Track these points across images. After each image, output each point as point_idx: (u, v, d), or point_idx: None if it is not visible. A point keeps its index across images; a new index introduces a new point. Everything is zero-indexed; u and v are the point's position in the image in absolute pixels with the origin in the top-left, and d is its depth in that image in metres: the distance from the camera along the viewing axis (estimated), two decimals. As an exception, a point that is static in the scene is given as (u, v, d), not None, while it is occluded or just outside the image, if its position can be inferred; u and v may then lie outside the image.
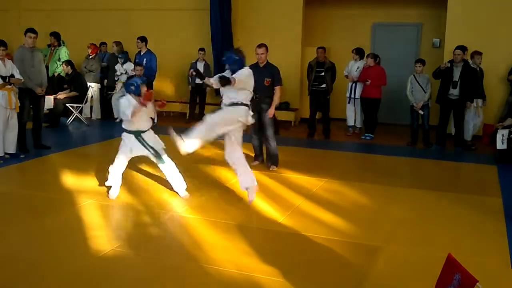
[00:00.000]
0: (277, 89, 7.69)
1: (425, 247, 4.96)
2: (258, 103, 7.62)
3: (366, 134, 10.36)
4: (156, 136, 6.16)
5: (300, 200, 6.25)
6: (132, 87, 5.94)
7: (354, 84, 10.52)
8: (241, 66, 6.13)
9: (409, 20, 11.86)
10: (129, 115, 5.81)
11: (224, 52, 6.27)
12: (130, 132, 6.01)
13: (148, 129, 6.08)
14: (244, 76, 6.06)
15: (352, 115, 10.80)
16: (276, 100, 7.68)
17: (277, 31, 11.83)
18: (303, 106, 11.87)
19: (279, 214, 5.74)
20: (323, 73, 10.16)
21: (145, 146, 5.97)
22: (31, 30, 8.30)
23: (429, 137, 9.68)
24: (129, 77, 6.25)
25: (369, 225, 5.53)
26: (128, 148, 6.03)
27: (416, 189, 6.85)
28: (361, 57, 10.62)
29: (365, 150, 9.61)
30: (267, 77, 7.56)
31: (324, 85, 10.18)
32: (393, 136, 10.70)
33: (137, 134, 5.98)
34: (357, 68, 10.50)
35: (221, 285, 4.11)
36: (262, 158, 8.00)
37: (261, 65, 7.63)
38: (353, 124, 10.89)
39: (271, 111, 7.60)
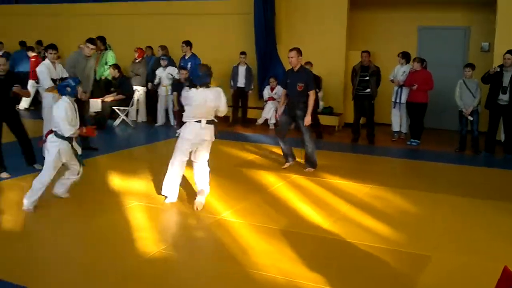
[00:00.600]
0: (310, 94, 7.59)
1: (473, 256, 4.83)
2: (292, 108, 7.60)
3: (412, 140, 10.17)
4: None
5: (345, 206, 6.18)
6: (68, 89, 5.75)
7: (400, 89, 10.35)
8: (203, 81, 5.95)
9: (456, 24, 11.59)
10: (68, 131, 5.64)
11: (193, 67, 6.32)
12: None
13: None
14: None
15: (398, 120, 10.62)
16: (310, 106, 7.59)
17: (321, 35, 11.78)
18: (347, 110, 11.76)
19: (324, 220, 5.68)
20: (367, 78, 10.03)
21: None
22: (91, 41, 8.47)
23: (478, 143, 9.43)
24: (62, 79, 6.40)
25: (415, 233, 5.42)
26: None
27: (463, 197, 6.68)
28: (407, 61, 10.44)
29: (411, 156, 9.43)
30: (299, 82, 7.52)
31: (368, 90, 10.05)
32: (440, 142, 10.47)
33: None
34: (403, 72, 10.32)
35: (266, 290, 4.10)
36: (293, 157, 7.96)
37: (295, 69, 7.60)
38: (398, 129, 10.71)
39: (307, 119, 7.54)
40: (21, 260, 4.55)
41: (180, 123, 10.39)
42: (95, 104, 10.90)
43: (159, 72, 11.61)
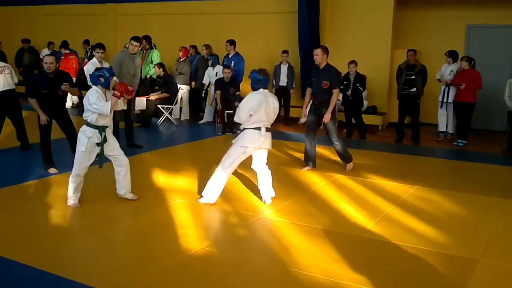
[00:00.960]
0: (334, 92, 7.48)
1: (525, 263, 4.68)
2: (319, 107, 7.53)
3: (459, 140, 9.93)
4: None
5: (389, 207, 6.08)
6: (101, 79, 5.60)
7: (447, 88, 10.12)
8: (257, 84, 6.09)
9: (506, 22, 11.23)
10: (106, 108, 5.49)
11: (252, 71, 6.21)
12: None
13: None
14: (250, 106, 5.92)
15: (444, 120, 10.40)
16: (332, 104, 7.45)
17: (365, 34, 11.63)
18: (391, 110, 11.58)
19: (368, 220, 5.61)
20: (413, 76, 9.84)
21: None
22: (136, 38, 8.63)
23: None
24: (97, 69, 5.97)
25: (462, 236, 5.29)
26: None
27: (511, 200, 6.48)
28: (455, 60, 10.19)
29: (457, 157, 9.20)
30: (324, 79, 7.42)
31: (414, 89, 9.85)
32: (487, 143, 10.18)
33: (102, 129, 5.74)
34: (450, 71, 10.09)
35: (309, 290, 4.08)
36: (313, 164, 7.79)
37: (320, 67, 7.50)
38: (444, 129, 10.48)
39: (327, 116, 7.42)
40: (67, 254, 4.67)
41: (224, 122, 10.55)
42: (140, 102, 11.07)
43: (210, 71, 11.66)
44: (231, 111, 10.78)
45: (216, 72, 11.41)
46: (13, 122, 8.62)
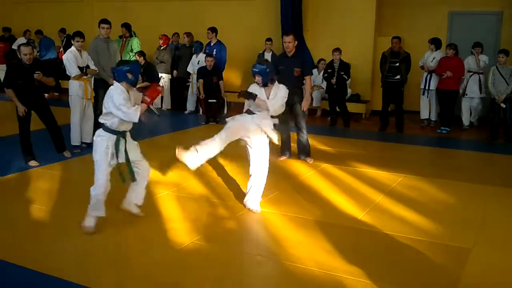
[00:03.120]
0: (307, 79, 7.40)
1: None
2: (290, 95, 7.29)
3: (442, 128, 9.94)
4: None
5: (379, 196, 6.03)
6: (129, 75, 4.75)
7: (429, 75, 10.12)
8: (269, 74, 5.47)
9: (489, 8, 11.25)
10: (135, 114, 4.69)
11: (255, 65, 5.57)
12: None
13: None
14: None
15: (427, 107, 10.41)
16: (308, 91, 7.40)
17: (349, 21, 11.53)
18: (374, 98, 11.54)
19: (358, 210, 5.55)
20: (397, 64, 9.78)
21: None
22: (104, 21, 8.42)
23: (511, 132, 9.17)
24: (124, 62, 5.15)
25: (453, 224, 5.26)
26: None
27: (499, 187, 6.49)
28: (437, 48, 10.18)
29: (441, 144, 9.20)
30: (296, 66, 7.24)
31: (398, 76, 9.80)
32: (470, 130, 10.21)
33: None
34: (433, 59, 10.08)
35: (303, 283, 4.01)
36: (289, 153, 7.66)
37: (289, 54, 7.33)
38: (427, 116, 10.49)
39: (305, 104, 7.32)
40: (51, 250, 4.52)
41: (208, 112, 10.38)
42: (121, 92, 10.83)
43: (193, 59, 11.44)
44: (214, 100, 10.64)
45: (199, 60, 11.22)
46: None
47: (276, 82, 5.58)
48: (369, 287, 3.92)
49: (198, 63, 11.17)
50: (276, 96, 5.47)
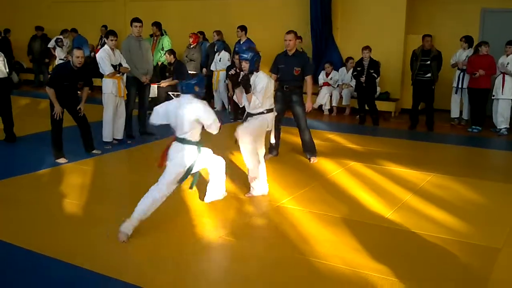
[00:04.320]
0: (308, 79, 7.25)
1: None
2: (289, 94, 7.23)
3: (474, 127, 9.80)
4: None
5: (407, 195, 5.99)
6: (197, 88, 4.87)
7: (462, 74, 9.98)
8: (256, 62, 5.76)
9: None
10: (217, 127, 4.89)
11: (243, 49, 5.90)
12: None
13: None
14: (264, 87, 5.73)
15: (458, 105, 10.28)
16: (310, 91, 7.27)
17: (379, 19, 11.45)
18: (404, 96, 11.44)
19: (386, 208, 5.53)
20: (428, 62, 9.67)
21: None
22: (136, 19, 8.56)
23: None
24: (192, 75, 5.12)
25: (483, 224, 5.21)
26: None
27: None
28: (470, 46, 10.05)
29: (472, 143, 9.06)
30: (296, 66, 7.12)
31: (429, 74, 9.70)
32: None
33: None
34: (466, 57, 9.95)
35: (330, 280, 4.02)
36: (277, 152, 7.53)
37: (290, 53, 7.23)
38: (458, 115, 10.36)
39: (309, 105, 7.26)
40: (83, 243, 4.63)
41: (236, 109, 10.44)
42: (152, 90, 10.96)
43: (215, 57, 11.51)
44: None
45: (220, 58, 11.28)
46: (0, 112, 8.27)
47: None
48: (395, 285, 3.92)
49: (220, 61, 11.23)
50: (256, 90, 5.68)
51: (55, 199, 5.69)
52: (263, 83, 5.70)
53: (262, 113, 5.79)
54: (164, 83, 11.38)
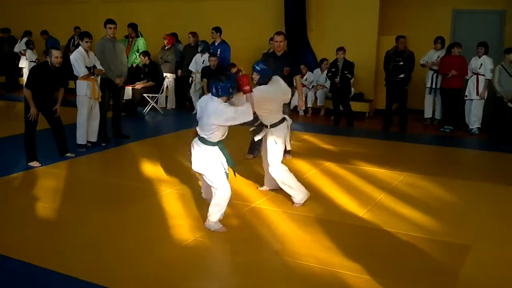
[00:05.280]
0: (297, 79, 7.38)
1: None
2: None
3: (446, 126, 9.96)
4: None
5: (380, 194, 6.08)
6: (231, 90, 4.83)
7: (435, 74, 10.16)
8: (267, 77, 5.61)
9: (492, 7, 11.25)
10: (250, 112, 4.88)
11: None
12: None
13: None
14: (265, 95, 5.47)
15: (431, 106, 10.45)
16: (300, 90, 7.43)
17: (352, 20, 11.57)
18: (378, 97, 11.58)
19: (360, 208, 5.60)
20: (402, 63, 9.81)
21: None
22: (110, 21, 8.53)
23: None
24: (227, 77, 4.84)
25: (455, 222, 5.31)
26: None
27: (501, 185, 6.53)
28: (443, 47, 10.24)
29: (444, 143, 9.23)
30: (285, 65, 7.20)
31: (402, 75, 9.83)
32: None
33: None
34: (437, 57, 10.13)
35: (305, 280, 4.06)
36: (258, 151, 7.37)
37: (279, 53, 7.33)
38: (430, 115, 10.53)
39: (301, 104, 7.39)
40: (58, 247, 4.59)
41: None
42: (126, 92, 10.90)
43: (197, 58, 11.47)
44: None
45: (204, 60, 11.26)
46: None
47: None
48: (368, 283, 3.98)
49: (203, 62, 11.21)
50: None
51: (27, 203, 5.62)
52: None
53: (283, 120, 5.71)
54: (138, 85, 11.34)
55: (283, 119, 5.69)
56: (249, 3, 12.65)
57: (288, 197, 5.77)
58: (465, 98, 9.86)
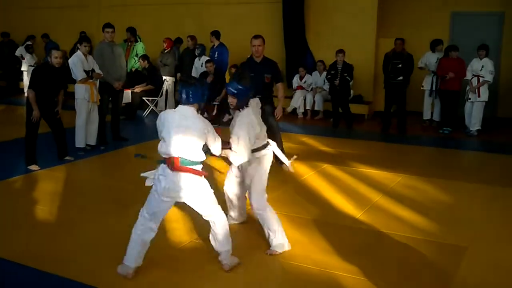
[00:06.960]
0: (279, 86, 6.85)
1: (513, 248, 4.71)
2: (261, 105, 5.12)
3: (444, 128, 9.98)
4: None
5: (377, 196, 6.09)
6: (203, 95, 4.15)
7: (435, 76, 10.19)
8: (246, 98, 4.49)
9: (491, 9, 11.28)
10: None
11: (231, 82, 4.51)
12: None
13: None
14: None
15: (429, 108, 10.49)
16: (281, 99, 6.80)
17: (350, 22, 11.60)
18: (376, 99, 11.60)
19: (356, 210, 5.61)
20: (400, 65, 9.84)
21: None
22: (108, 25, 8.57)
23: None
24: (186, 83, 4.22)
25: (452, 223, 5.32)
26: None
27: (499, 187, 6.54)
28: (439, 48, 10.29)
29: (443, 144, 9.25)
30: (266, 73, 6.70)
31: (401, 77, 9.86)
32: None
33: None
34: (436, 59, 10.17)
35: (301, 281, 4.07)
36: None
37: (258, 59, 6.76)
38: (429, 117, 10.56)
39: (279, 112, 6.78)
40: (55, 250, 4.60)
41: (210, 114, 10.46)
42: (125, 95, 10.94)
43: (196, 62, 11.50)
44: (217, 103, 10.77)
45: (202, 63, 11.30)
46: None
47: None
48: (365, 284, 3.99)
49: (202, 66, 11.24)
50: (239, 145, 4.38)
51: (27, 206, 5.64)
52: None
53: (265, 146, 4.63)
54: (138, 88, 11.38)
55: (267, 144, 4.66)
56: (248, 7, 12.68)
57: (288, 197, 5.78)
58: (468, 101, 9.86)
